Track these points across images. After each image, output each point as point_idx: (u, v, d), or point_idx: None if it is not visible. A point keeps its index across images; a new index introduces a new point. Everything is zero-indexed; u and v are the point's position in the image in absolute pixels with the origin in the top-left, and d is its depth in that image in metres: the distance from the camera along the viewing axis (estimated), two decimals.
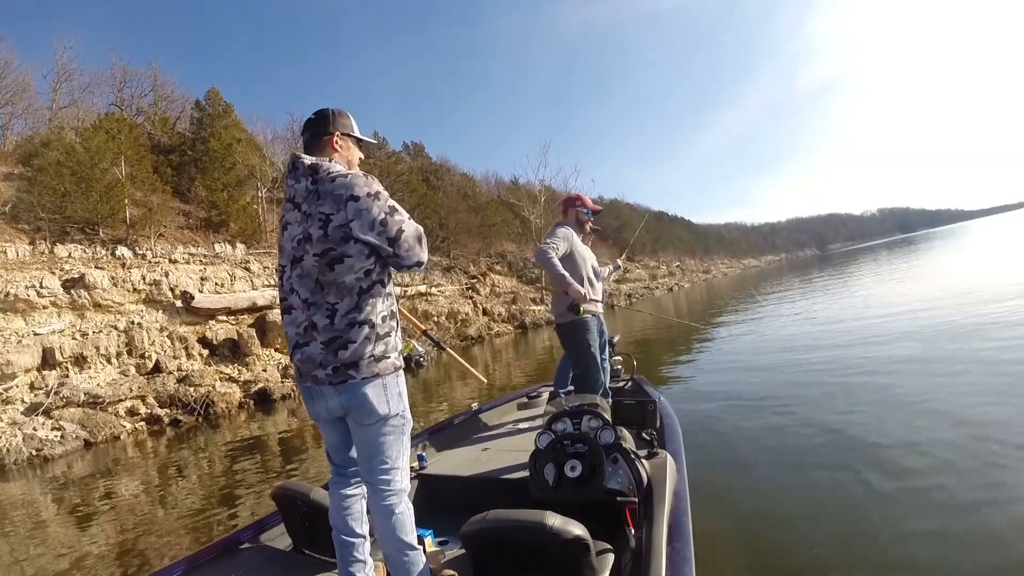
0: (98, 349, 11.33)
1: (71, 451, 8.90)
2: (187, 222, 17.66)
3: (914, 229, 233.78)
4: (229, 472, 6.49)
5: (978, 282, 12.16)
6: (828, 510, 3.20)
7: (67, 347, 10.95)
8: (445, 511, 2.72)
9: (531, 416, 4.12)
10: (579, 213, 3.95)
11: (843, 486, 3.45)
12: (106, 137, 16.27)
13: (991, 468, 3.35)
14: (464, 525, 1.82)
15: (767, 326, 12.16)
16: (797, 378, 6.60)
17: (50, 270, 12.20)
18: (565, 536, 1.65)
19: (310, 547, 2.41)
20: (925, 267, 21.14)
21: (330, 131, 1.92)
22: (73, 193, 13.93)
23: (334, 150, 1.91)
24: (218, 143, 19.60)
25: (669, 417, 3.27)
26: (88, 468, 7.77)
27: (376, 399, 1.76)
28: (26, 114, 20.30)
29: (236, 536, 2.50)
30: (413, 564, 1.82)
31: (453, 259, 28.28)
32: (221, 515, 4.90)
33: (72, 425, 9.42)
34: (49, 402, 9.73)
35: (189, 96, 23.99)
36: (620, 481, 2.17)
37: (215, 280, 15.03)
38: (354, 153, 1.99)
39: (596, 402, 2.74)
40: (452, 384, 9.53)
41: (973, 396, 4.69)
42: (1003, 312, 7.94)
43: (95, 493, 6.30)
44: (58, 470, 7.80)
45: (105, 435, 9.48)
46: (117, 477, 6.99)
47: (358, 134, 2.01)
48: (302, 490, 2.34)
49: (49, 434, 9.11)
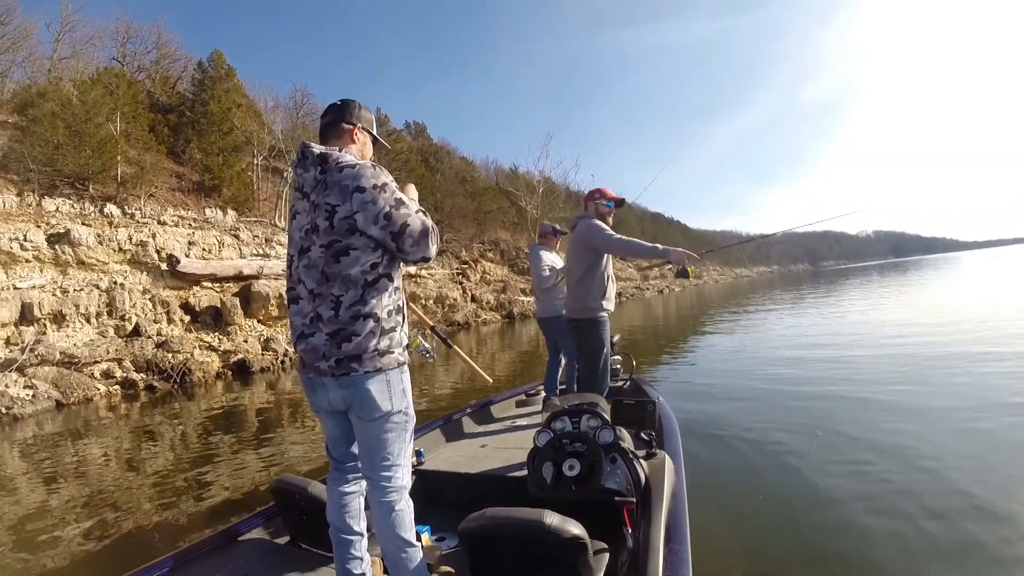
0: (78, 307, 11.20)
1: (41, 411, 8.81)
2: (179, 184, 17.44)
3: (907, 254, 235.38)
4: (202, 440, 6.46)
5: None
6: (825, 511, 3.23)
7: (47, 303, 10.82)
8: (443, 507, 2.72)
9: (530, 413, 4.11)
10: (599, 206, 3.83)
11: (841, 487, 3.50)
12: (103, 91, 15.98)
13: (993, 470, 3.51)
14: (462, 522, 1.81)
15: (766, 331, 12.26)
16: (796, 380, 6.71)
17: (36, 223, 12.02)
18: (563, 535, 1.64)
19: (308, 541, 2.41)
20: (915, 292, 21.32)
21: (353, 122, 1.92)
22: (65, 146, 13.71)
23: (352, 141, 1.92)
24: (217, 106, 19.31)
25: (668, 418, 3.28)
26: (58, 428, 7.70)
27: (379, 395, 1.75)
28: (26, 63, 19.88)
29: (234, 529, 2.50)
30: (411, 560, 1.81)
31: (446, 243, 28.16)
32: (190, 481, 4.89)
33: (45, 384, 9.33)
34: (24, 359, 9.62)
35: (192, 56, 23.62)
36: (618, 481, 2.18)
37: (203, 245, 14.88)
38: (368, 150, 1.99)
39: (595, 401, 2.75)
40: (453, 380, 9.53)
41: (974, 400, 4.91)
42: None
43: (64, 455, 6.24)
44: (28, 431, 7.72)
45: (78, 396, 9.39)
46: (87, 440, 6.93)
47: (376, 134, 2.02)
48: (300, 484, 2.34)
49: (20, 392, 9.02)
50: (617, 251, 3.57)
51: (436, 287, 23.36)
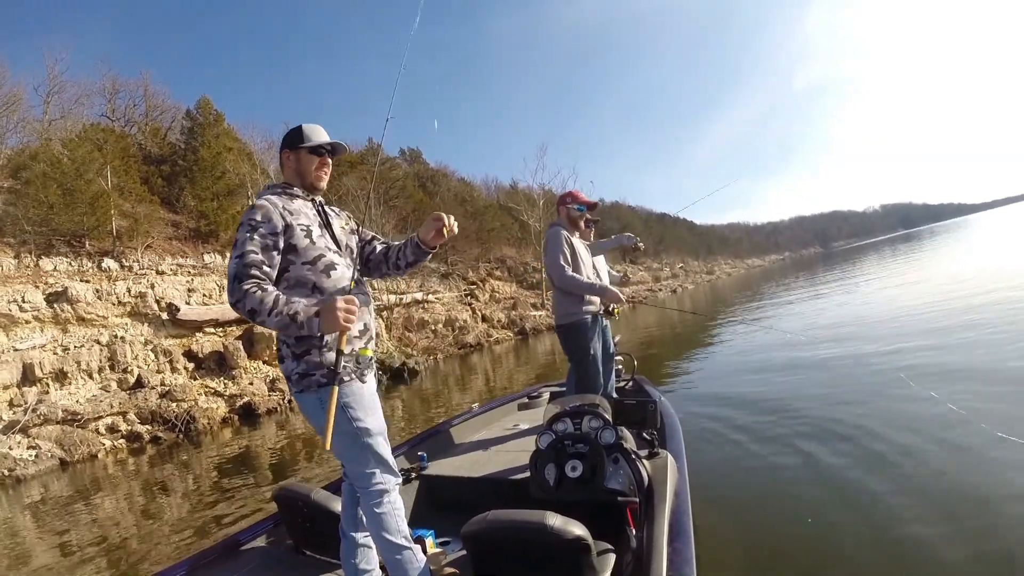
0: (79, 364, 11.05)
1: (45, 471, 8.60)
2: (176, 233, 17.42)
3: (917, 224, 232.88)
4: (215, 489, 6.25)
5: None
6: (830, 510, 3.16)
7: (48, 362, 10.69)
8: (446, 511, 2.76)
9: (532, 416, 4.12)
10: (569, 211, 3.87)
11: (846, 486, 3.41)
12: (91, 147, 16.05)
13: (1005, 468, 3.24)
14: (465, 525, 1.82)
15: (768, 326, 11.84)
16: (799, 378, 6.42)
17: (34, 284, 11.96)
18: (566, 536, 1.65)
19: (312, 548, 2.44)
20: (930, 263, 20.76)
21: (280, 150, 2.05)
22: (58, 205, 13.71)
23: (283, 166, 2.05)
24: (207, 151, 19.38)
25: (670, 417, 3.27)
26: (64, 488, 7.49)
27: (313, 413, 1.83)
28: (18, 128, 20.14)
29: (238, 537, 2.52)
30: (408, 563, 1.81)
31: (451, 265, 27.98)
32: (207, 522, 4.74)
33: (48, 443, 9.13)
34: (26, 419, 9.45)
35: (181, 106, 23.83)
36: (621, 481, 2.19)
37: (203, 291, 14.77)
38: (304, 165, 2.00)
39: (597, 402, 2.73)
40: (450, 392, 9.37)
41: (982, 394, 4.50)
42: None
43: (72, 514, 6.05)
44: (34, 492, 7.51)
45: (82, 453, 9.18)
46: (94, 497, 6.70)
47: (310, 143, 1.99)
48: (303, 491, 2.37)
49: (24, 453, 8.82)
50: (558, 282, 3.64)
51: (444, 311, 23.08)
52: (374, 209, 23.44)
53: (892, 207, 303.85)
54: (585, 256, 3.83)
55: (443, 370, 15.54)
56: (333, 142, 2.02)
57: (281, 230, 1.84)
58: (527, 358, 15.92)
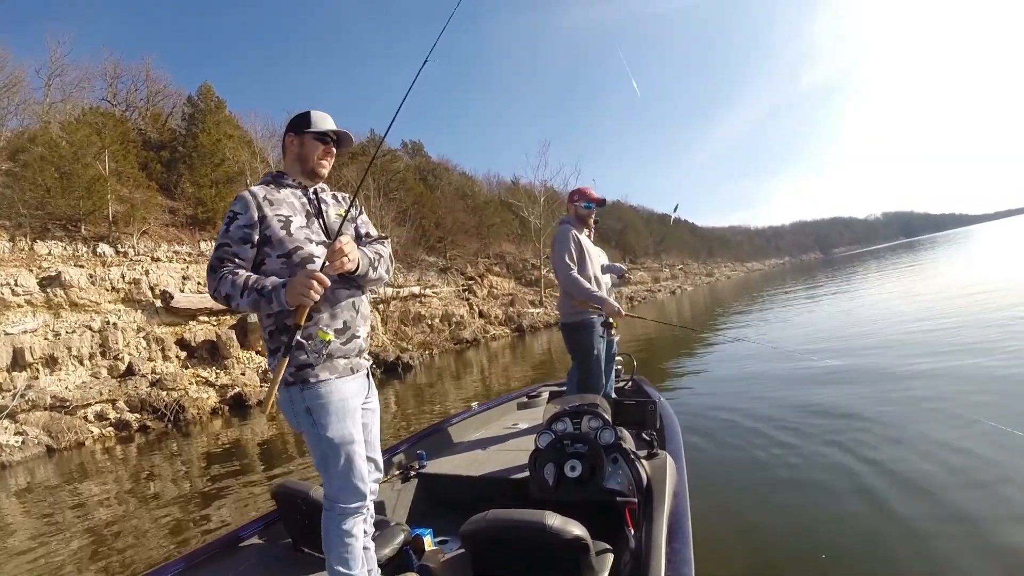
0: (70, 350, 10.98)
1: (31, 457, 8.54)
2: (173, 219, 17.30)
3: (918, 233, 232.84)
4: (203, 478, 6.20)
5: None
6: (828, 512, 3.16)
7: (38, 347, 10.62)
8: (445, 510, 2.77)
9: (531, 416, 4.10)
10: (578, 208, 3.85)
11: (844, 488, 3.40)
12: (90, 131, 15.91)
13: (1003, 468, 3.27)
14: (464, 524, 1.81)
15: (769, 329, 11.82)
16: (799, 381, 6.40)
17: (28, 268, 11.89)
18: (565, 536, 1.65)
19: (310, 545, 2.41)
20: (929, 272, 20.68)
21: (284, 134, 2.01)
22: (55, 189, 13.61)
23: (285, 152, 2.01)
24: (207, 138, 19.24)
25: (669, 418, 3.27)
26: (50, 475, 7.42)
27: (287, 409, 1.82)
28: (20, 110, 19.99)
29: (236, 534, 2.51)
30: None
31: (450, 259, 27.88)
32: (194, 516, 4.66)
33: (35, 430, 9.06)
34: (15, 405, 9.37)
35: (183, 92, 23.65)
36: (620, 481, 2.19)
37: (198, 279, 14.67)
38: (307, 149, 1.95)
39: (596, 402, 2.72)
40: (444, 388, 9.30)
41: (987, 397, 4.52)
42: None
43: (57, 501, 6.00)
44: (20, 478, 7.45)
45: (69, 441, 9.11)
46: (80, 485, 6.64)
47: (314, 129, 1.94)
48: (302, 488, 2.36)
49: (11, 439, 8.75)
50: (561, 281, 3.63)
51: (442, 305, 23.00)
52: (372, 200, 23.32)
53: (894, 215, 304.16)
54: (593, 254, 3.81)
55: (438, 365, 15.47)
56: (339, 131, 1.99)
57: (255, 222, 1.80)
58: (523, 355, 15.86)
